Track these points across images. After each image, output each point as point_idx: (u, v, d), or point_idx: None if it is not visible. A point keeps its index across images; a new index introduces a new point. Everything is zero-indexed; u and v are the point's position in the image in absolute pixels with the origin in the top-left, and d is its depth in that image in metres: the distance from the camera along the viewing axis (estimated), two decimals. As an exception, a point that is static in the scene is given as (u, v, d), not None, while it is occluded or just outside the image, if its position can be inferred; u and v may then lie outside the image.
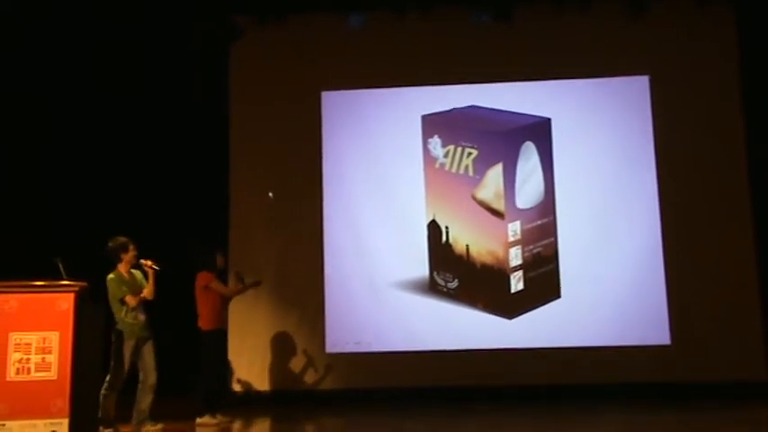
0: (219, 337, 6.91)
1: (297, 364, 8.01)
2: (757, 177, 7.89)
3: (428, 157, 7.72)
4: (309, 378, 7.97)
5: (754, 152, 7.92)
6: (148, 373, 6.12)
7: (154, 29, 8.10)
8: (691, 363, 7.60)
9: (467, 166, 7.34)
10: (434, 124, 7.64)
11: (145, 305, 6.19)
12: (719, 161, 7.94)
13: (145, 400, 6.10)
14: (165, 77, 8.28)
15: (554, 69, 8.08)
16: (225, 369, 7.69)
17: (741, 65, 8.06)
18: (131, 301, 6.06)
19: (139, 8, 7.92)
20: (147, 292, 6.15)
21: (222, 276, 7.24)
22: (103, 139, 8.28)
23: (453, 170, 7.45)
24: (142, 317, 6.14)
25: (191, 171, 8.28)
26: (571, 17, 8.09)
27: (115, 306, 6.06)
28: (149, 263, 6.16)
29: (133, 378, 6.15)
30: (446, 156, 7.52)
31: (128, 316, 6.07)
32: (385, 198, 8.14)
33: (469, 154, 7.30)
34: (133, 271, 6.23)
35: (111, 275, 6.11)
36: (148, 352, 6.15)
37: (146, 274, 6.22)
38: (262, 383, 8.00)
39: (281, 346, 8.02)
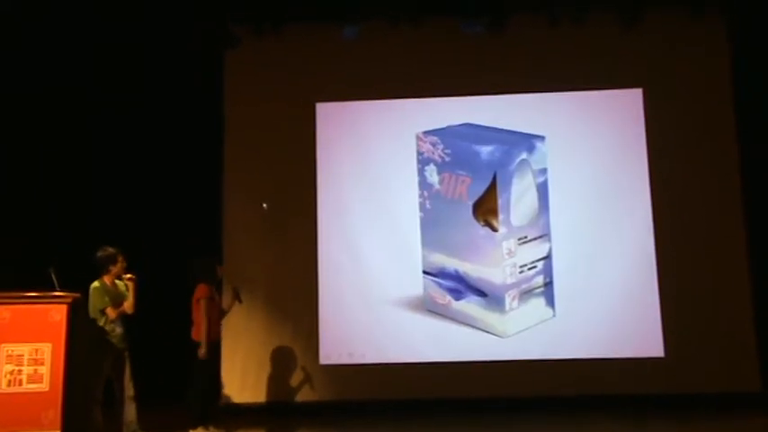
0: (212, 349, 6.88)
1: (290, 375, 7.98)
2: (751, 190, 7.90)
3: (423, 173, 7.74)
4: (303, 390, 7.94)
5: (748, 164, 7.94)
6: (126, 384, 6.11)
7: (149, 35, 8.08)
8: (684, 375, 7.59)
9: (461, 194, 7.39)
10: (430, 153, 7.64)
11: (125, 317, 6.17)
12: (713, 174, 7.95)
13: (129, 411, 6.10)
14: (160, 87, 8.28)
15: (547, 81, 8.09)
16: (218, 380, 7.67)
17: (734, 78, 8.08)
18: (111, 313, 6.04)
19: (136, 13, 7.91)
20: (128, 305, 6.14)
21: (218, 287, 7.22)
22: (97, 146, 8.27)
23: (448, 196, 7.51)
24: (120, 329, 6.13)
25: (184, 180, 8.27)
26: (565, 29, 8.10)
27: (95, 316, 6.04)
28: (128, 276, 6.15)
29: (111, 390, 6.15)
30: (441, 183, 7.55)
31: (106, 327, 6.05)
32: (379, 209, 8.12)
33: (463, 182, 7.35)
34: (117, 282, 6.22)
35: (95, 284, 6.09)
36: (125, 364, 6.14)
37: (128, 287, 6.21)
38: (255, 395, 7.96)
39: (275, 358, 7.99)
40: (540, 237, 7.62)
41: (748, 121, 7.99)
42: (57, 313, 5.35)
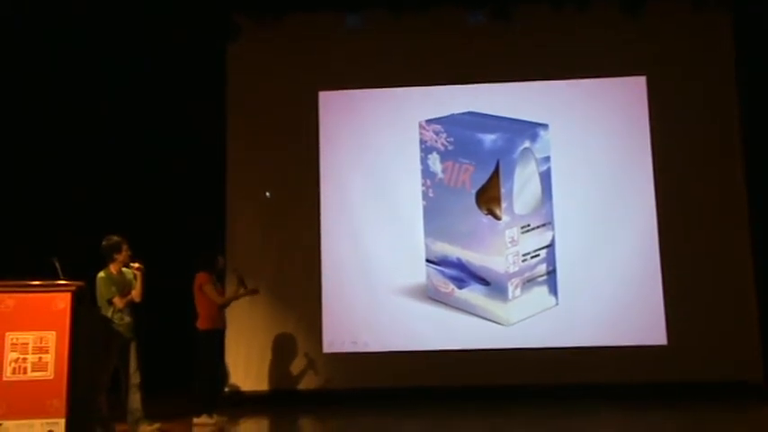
0: (216, 337, 6.94)
1: (294, 363, 8.01)
2: (754, 178, 7.89)
3: (426, 162, 7.74)
4: (306, 378, 7.97)
5: (752, 153, 7.92)
6: (132, 373, 6.14)
7: (151, 24, 8.07)
8: (687, 363, 7.60)
9: (464, 182, 7.38)
10: (433, 141, 7.62)
11: (133, 306, 6.19)
12: (716, 162, 7.95)
13: (134, 399, 6.12)
14: (162, 77, 8.27)
15: (550, 69, 8.08)
16: (222, 369, 7.70)
17: (738, 65, 8.06)
18: (119, 302, 6.07)
19: (136, 11, 7.91)
20: (136, 294, 6.17)
21: (221, 277, 7.24)
22: (101, 138, 8.27)
23: (451, 185, 7.50)
24: (128, 318, 6.16)
25: (188, 170, 8.28)
26: (567, 17, 8.08)
27: (103, 306, 6.07)
28: (136, 265, 6.16)
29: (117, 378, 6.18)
30: (444, 171, 7.55)
31: (114, 317, 6.07)
32: (382, 198, 8.13)
33: (467, 170, 7.34)
34: (124, 270, 6.23)
35: (101, 274, 6.12)
36: (132, 353, 6.16)
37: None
38: (259, 383, 8.00)
39: (279, 346, 8.02)
40: (543, 225, 7.61)
41: (751, 107, 7.96)
42: (61, 301, 5.35)
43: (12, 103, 7.94)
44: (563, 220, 7.79)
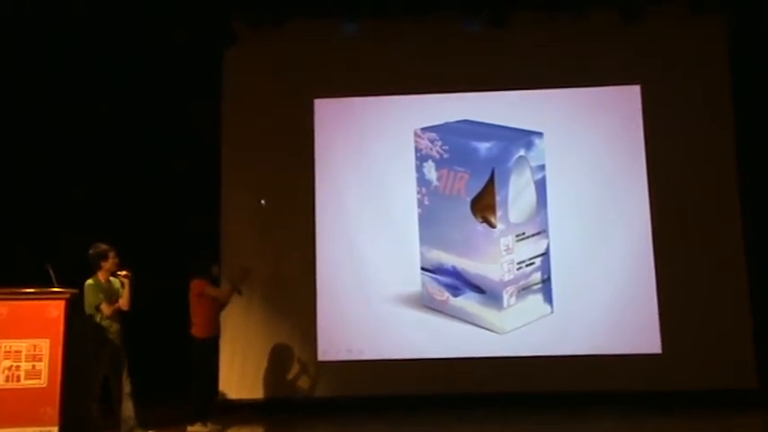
0: (212, 345, 6.90)
1: (289, 372, 7.98)
2: (748, 187, 7.91)
3: (421, 170, 7.75)
4: (301, 386, 7.95)
5: (746, 162, 7.95)
6: (122, 381, 6.11)
7: (148, 31, 8.07)
8: (681, 371, 7.60)
9: (459, 190, 7.39)
10: (428, 149, 7.63)
11: (121, 314, 6.17)
12: (711, 170, 7.97)
13: (126, 407, 6.11)
14: (157, 83, 8.26)
15: (546, 78, 8.10)
16: (216, 377, 7.67)
17: (732, 74, 8.09)
18: (106, 309, 6.05)
19: (135, 12, 7.91)
20: (123, 302, 6.16)
21: (215, 285, 7.22)
22: (95, 142, 8.25)
23: (446, 192, 7.51)
24: (116, 326, 6.13)
25: (182, 177, 8.26)
26: (563, 26, 8.09)
27: (91, 313, 6.05)
28: (123, 273, 6.15)
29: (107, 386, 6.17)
30: (439, 179, 7.56)
31: (102, 323, 6.06)
32: (377, 205, 8.13)
33: (462, 178, 7.35)
34: (112, 279, 6.22)
35: (89, 282, 6.11)
36: (121, 361, 6.13)
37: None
38: (253, 391, 7.96)
39: (273, 354, 8.00)
40: (538, 233, 7.62)
41: (747, 117, 7.99)
42: (54, 309, 5.35)
43: (12, 103, 7.92)
44: (558, 228, 7.80)
